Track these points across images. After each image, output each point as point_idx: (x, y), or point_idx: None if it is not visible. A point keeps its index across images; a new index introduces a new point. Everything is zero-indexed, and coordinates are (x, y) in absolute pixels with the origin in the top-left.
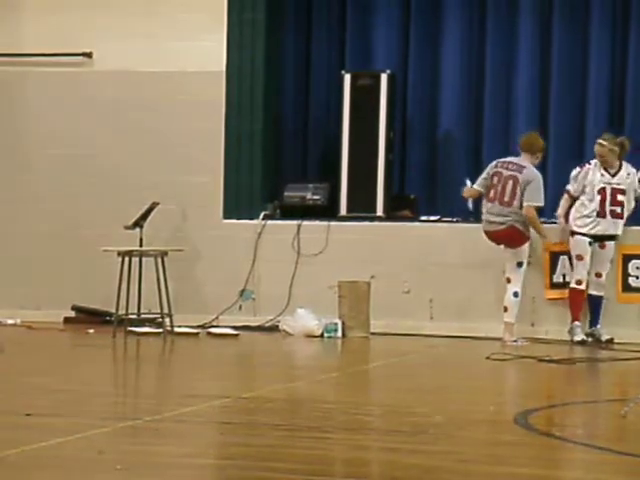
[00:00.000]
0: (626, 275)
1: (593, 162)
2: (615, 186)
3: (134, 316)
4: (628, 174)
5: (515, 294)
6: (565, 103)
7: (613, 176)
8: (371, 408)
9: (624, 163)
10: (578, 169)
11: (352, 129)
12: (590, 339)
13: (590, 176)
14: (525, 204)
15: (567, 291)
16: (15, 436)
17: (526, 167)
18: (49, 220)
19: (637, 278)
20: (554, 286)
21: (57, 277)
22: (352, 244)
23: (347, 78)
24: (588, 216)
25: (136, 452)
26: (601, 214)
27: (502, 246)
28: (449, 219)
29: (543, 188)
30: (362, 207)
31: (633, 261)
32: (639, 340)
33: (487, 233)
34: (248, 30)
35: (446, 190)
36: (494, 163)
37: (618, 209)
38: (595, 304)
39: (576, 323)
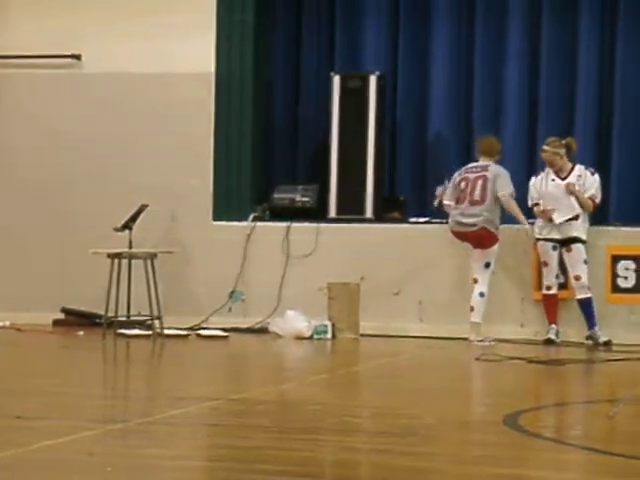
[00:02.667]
0: (615, 276)
1: (546, 169)
2: (569, 187)
3: (124, 318)
4: (579, 176)
5: (481, 294)
6: (554, 104)
7: (564, 179)
8: (361, 410)
9: (577, 165)
10: (533, 178)
11: (341, 131)
12: (590, 342)
13: (542, 183)
14: (499, 194)
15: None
16: (5, 439)
17: (490, 165)
18: (38, 222)
19: (626, 279)
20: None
21: (46, 279)
22: (342, 246)
23: (336, 80)
24: (548, 221)
25: (126, 454)
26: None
27: (469, 245)
28: (439, 221)
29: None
30: (352, 209)
31: (622, 262)
32: (628, 341)
33: (457, 234)
34: (237, 31)
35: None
36: (458, 172)
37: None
38: (584, 307)
39: (551, 326)
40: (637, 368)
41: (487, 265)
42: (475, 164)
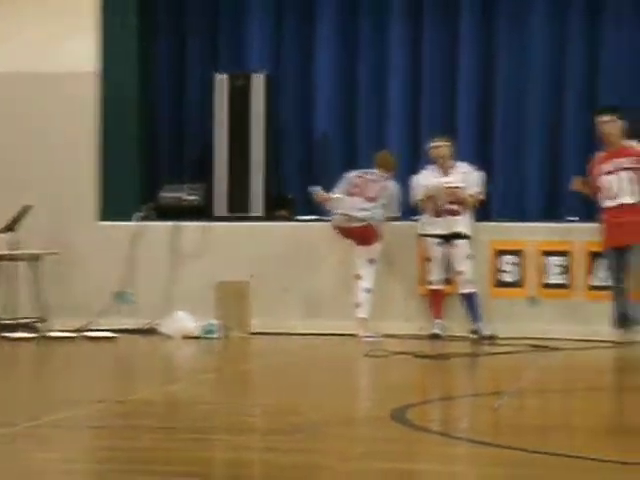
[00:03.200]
0: (498, 271)
1: (429, 167)
2: (449, 185)
3: (8, 321)
4: (464, 172)
5: (367, 290)
6: (437, 102)
7: (447, 176)
8: (250, 408)
9: (458, 163)
10: (415, 176)
11: (229, 130)
12: (474, 336)
13: (424, 180)
14: (392, 215)
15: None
16: None
17: (388, 179)
18: None
19: (508, 273)
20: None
21: None
22: (230, 244)
23: (221, 79)
24: (431, 217)
25: (13, 458)
26: (437, 214)
27: (352, 242)
28: (327, 218)
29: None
30: (240, 207)
31: (504, 256)
32: (512, 334)
33: (342, 229)
34: (121, 31)
35: (323, 190)
36: (354, 174)
37: (455, 207)
38: (468, 302)
39: (437, 321)
40: (520, 361)
41: (371, 261)
42: (374, 171)
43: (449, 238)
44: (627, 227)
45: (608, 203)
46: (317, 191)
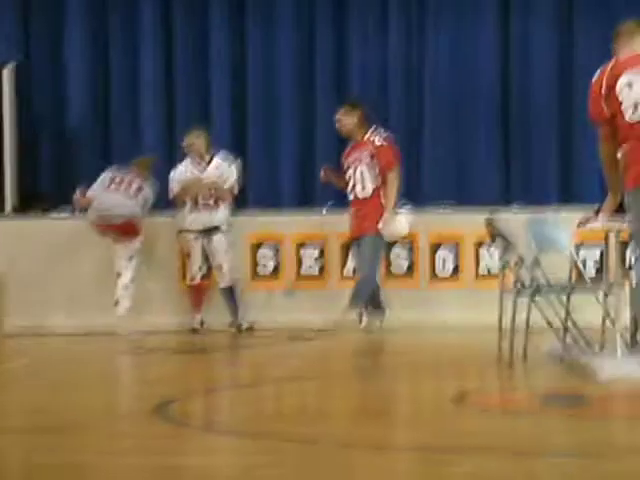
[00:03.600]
0: (255, 263)
1: (186, 161)
2: (205, 179)
3: None
4: (217, 167)
5: (125, 287)
6: (192, 93)
7: (202, 169)
8: (7, 408)
9: (216, 157)
10: (172, 172)
11: None
12: (233, 329)
13: (179, 175)
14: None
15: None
16: None
17: (145, 177)
18: None
19: (264, 266)
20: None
21: None
22: None
23: None
24: (189, 212)
25: None
26: (195, 208)
27: (112, 239)
28: (81, 215)
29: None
30: None
31: (261, 249)
32: (269, 325)
33: (100, 226)
34: None
35: (77, 185)
36: (112, 171)
37: (211, 201)
38: (227, 295)
39: (196, 316)
40: (278, 350)
41: (131, 258)
42: (131, 168)
43: (207, 232)
44: (359, 220)
45: (350, 195)
46: (77, 197)
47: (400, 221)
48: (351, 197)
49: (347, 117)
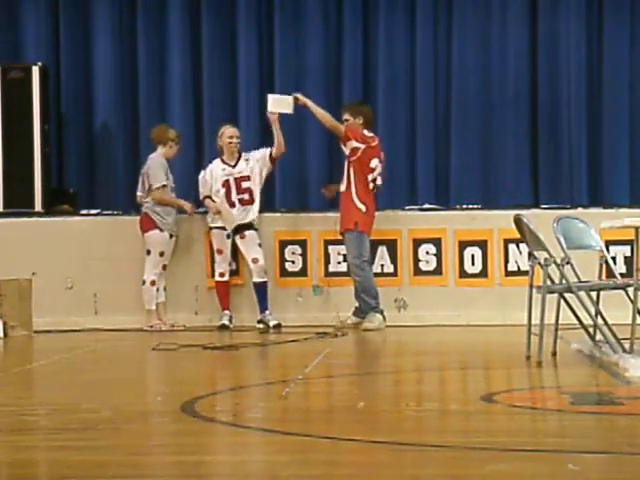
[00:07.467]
0: (283, 260)
1: (215, 161)
2: (237, 175)
3: None
4: (246, 160)
5: (142, 282)
6: (219, 92)
7: (234, 167)
8: (37, 407)
9: (243, 153)
10: (202, 172)
11: (4, 123)
12: (261, 325)
13: (212, 173)
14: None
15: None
16: None
17: (149, 158)
18: None
19: (293, 263)
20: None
21: None
22: (10, 241)
23: None
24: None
25: None
26: (230, 205)
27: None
28: (110, 212)
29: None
30: (19, 203)
31: (289, 246)
32: (297, 323)
33: None
34: None
35: (105, 183)
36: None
37: (246, 196)
38: (258, 291)
39: (225, 312)
40: (306, 348)
41: (148, 252)
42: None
43: (239, 229)
44: (340, 214)
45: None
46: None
47: (288, 102)
48: None
49: (353, 118)
